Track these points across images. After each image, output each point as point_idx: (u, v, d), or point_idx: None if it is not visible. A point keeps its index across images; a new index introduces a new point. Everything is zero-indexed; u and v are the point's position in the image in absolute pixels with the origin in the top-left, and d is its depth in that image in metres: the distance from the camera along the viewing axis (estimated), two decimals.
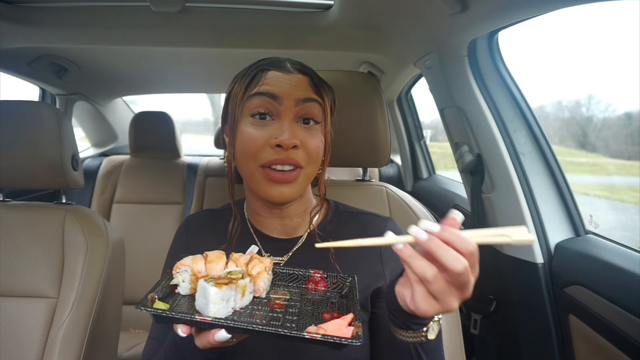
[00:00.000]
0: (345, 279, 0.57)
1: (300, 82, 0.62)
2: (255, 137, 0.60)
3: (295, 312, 0.51)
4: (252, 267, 0.53)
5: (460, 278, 0.40)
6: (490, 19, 0.87)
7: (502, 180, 1.07)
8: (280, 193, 0.60)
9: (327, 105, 0.65)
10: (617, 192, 1.61)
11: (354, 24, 1.21)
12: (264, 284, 0.53)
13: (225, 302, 0.47)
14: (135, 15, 1.20)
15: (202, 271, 0.52)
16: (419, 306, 0.44)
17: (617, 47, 1.23)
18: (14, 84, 1.71)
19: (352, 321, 0.46)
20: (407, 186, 2.19)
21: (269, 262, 0.54)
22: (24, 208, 0.99)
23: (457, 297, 0.43)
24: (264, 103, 0.60)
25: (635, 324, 0.73)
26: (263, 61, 0.65)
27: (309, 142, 0.61)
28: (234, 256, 0.54)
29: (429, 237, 0.42)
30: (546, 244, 1.02)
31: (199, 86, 2.42)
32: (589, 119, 1.62)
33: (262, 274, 0.53)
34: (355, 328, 0.45)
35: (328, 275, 0.58)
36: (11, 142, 0.95)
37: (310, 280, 0.58)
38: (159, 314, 0.44)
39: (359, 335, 0.44)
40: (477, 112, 1.08)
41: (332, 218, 0.71)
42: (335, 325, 0.45)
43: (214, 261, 0.52)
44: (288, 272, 0.59)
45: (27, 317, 0.87)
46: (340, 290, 0.57)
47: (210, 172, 2.14)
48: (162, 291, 0.51)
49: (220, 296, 0.46)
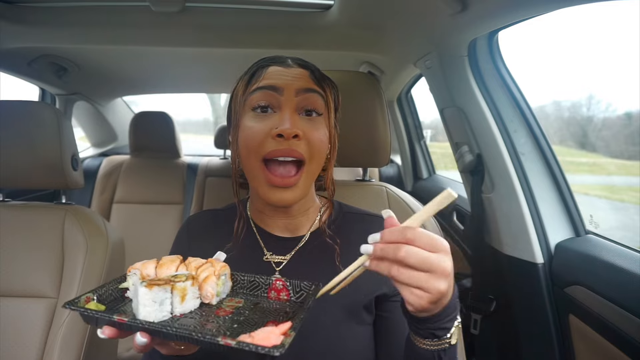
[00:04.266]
0: (308, 287, 0.55)
1: (300, 74, 0.62)
2: (256, 130, 0.59)
3: (240, 320, 0.49)
4: (201, 271, 0.51)
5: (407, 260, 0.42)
6: (490, 19, 0.87)
7: (502, 180, 1.07)
8: (280, 198, 0.60)
9: (329, 98, 0.64)
10: (617, 192, 1.61)
11: (354, 24, 1.21)
12: (212, 289, 0.50)
13: (157, 305, 0.45)
14: (135, 15, 1.20)
15: (151, 274, 0.50)
16: (412, 304, 0.45)
17: (617, 47, 1.23)
18: (14, 84, 1.71)
19: (287, 330, 0.42)
20: (407, 186, 2.19)
21: (220, 267, 0.52)
22: (24, 208, 0.99)
23: (440, 281, 0.43)
24: (264, 96, 0.60)
25: (635, 324, 0.73)
26: (264, 59, 0.65)
27: (312, 134, 0.60)
28: (188, 260, 0.53)
29: (373, 247, 0.45)
30: (546, 244, 1.01)
31: (199, 86, 2.43)
32: (589, 119, 1.62)
33: (210, 278, 0.50)
34: (285, 337, 0.41)
35: (291, 283, 0.56)
36: (11, 142, 0.95)
37: (272, 289, 0.56)
38: (81, 312, 0.44)
39: (282, 345, 0.39)
40: (477, 112, 1.08)
41: (335, 218, 0.71)
42: (265, 333, 0.41)
43: (165, 265, 0.51)
44: (249, 279, 0.56)
45: (27, 317, 0.87)
46: (303, 301, 0.54)
47: (210, 172, 2.14)
48: (110, 294, 0.50)
49: (151, 297, 0.44)
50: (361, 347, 0.63)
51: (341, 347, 0.61)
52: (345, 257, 0.64)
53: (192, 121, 8.20)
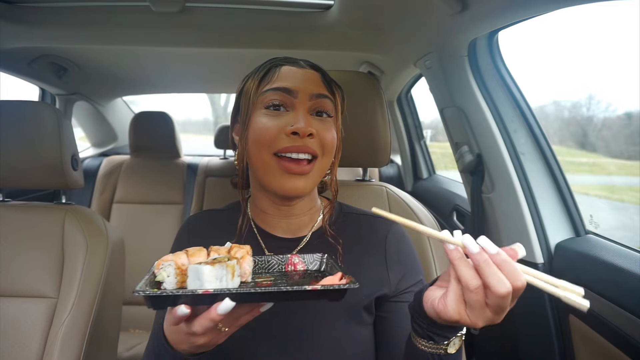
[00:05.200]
0: (321, 256, 0.59)
1: (313, 77, 0.63)
2: (269, 126, 0.60)
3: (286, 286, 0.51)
4: (234, 252, 0.53)
5: (499, 301, 0.41)
6: (490, 19, 0.87)
7: (502, 180, 1.07)
8: (294, 185, 0.60)
9: (337, 102, 0.66)
10: (617, 192, 1.61)
11: (354, 24, 1.21)
12: (249, 267, 0.53)
13: (219, 282, 0.46)
14: (135, 15, 1.20)
15: (186, 263, 0.51)
16: (447, 305, 0.44)
17: (617, 47, 1.23)
18: (14, 84, 1.71)
19: (341, 277, 0.48)
20: (407, 186, 2.19)
21: (248, 247, 0.55)
22: (24, 208, 0.99)
23: (486, 317, 0.43)
24: (279, 96, 0.61)
25: (635, 324, 0.73)
26: (276, 58, 0.66)
27: (324, 133, 0.62)
28: (213, 248, 0.54)
29: (480, 251, 0.42)
30: (546, 244, 1.01)
31: (199, 86, 2.43)
32: (589, 119, 1.62)
33: (246, 257, 0.53)
34: (348, 279, 0.47)
35: (305, 257, 0.59)
36: (11, 142, 0.95)
37: (288, 264, 0.59)
38: (159, 295, 0.43)
39: (353, 281, 0.45)
40: (477, 112, 1.08)
41: (336, 218, 0.71)
42: (329, 281, 0.47)
43: (195, 254, 0.52)
44: (267, 259, 0.59)
45: (27, 317, 0.87)
46: (318, 268, 0.58)
47: (210, 172, 2.14)
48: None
49: (215, 274, 0.46)
50: (361, 347, 0.63)
51: (341, 347, 0.61)
52: (345, 258, 0.64)
53: (192, 121, 8.21)
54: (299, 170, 0.59)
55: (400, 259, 0.67)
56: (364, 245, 0.67)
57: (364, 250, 0.67)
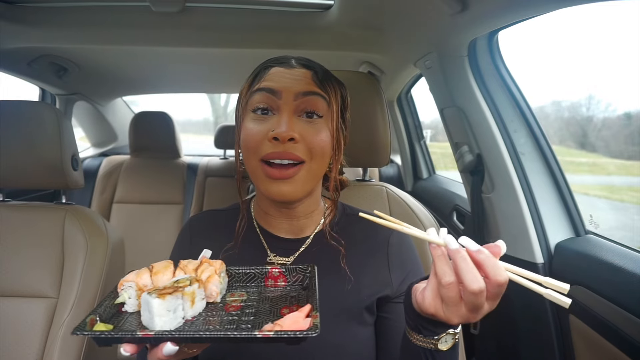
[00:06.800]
0: (305, 270, 0.56)
1: (302, 76, 0.61)
2: (254, 132, 0.60)
3: (252, 312, 0.49)
4: (201, 271, 0.50)
5: (472, 298, 0.42)
6: (490, 19, 0.87)
7: (502, 180, 1.07)
8: (279, 190, 0.59)
9: (332, 100, 0.63)
10: (617, 192, 1.61)
11: (354, 24, 1.21)
12: (216, 287, 0.50)
13: (172, 313, 0.44)
14: (135, 15, 1.20)
15: (148, 284, 0.49)
16: (425, 298, 0.45)
17: (617, 47, 1.23)
18: (14, 84, 1.71)
19: (309, 312, 0.45)
20: (407, 186, 2.19)
21: (219, 264, 0.52)
22: (24, 208, 0.99)
23: (460, 314, 0.44)
24: (264, 98, 0.60)
25: (635, 324, 0.73)
26: (269, 59, 0.65)
27: (311, 137, 0.60)
28: (182, 264, 0.52)
29: (457, 248, 0.43)
30: (546, 244, 1.02)
31: (199, 86, 2.43)
32: (589, 119, 1.62)
33: (213, 277, 0.50)
34: (313, 319, 0.43)
35: (287, 269, 0.56)
36: (11, 142, 0.95)
37: (268, 277, 0.56)
38: (97, 336, 0.41)
39: (315, 325, 0.42)
40: (477, 112, 1.08)
41: (339, 220, 0.70)
42: (292, 320, 0.44)
43: (160, 272, 0.50)
44: (244, 271, 0.56)
45: (27, 317, 0.87)
46: (301, 283, 0.56)
47: (210, 172, 2.14)
48: (107, 312, 0.48)
49: (165, 307, 0.44)
50: (362, 347, 0.63)
51: (342, 347, 0.61)
52: (347, 260, 0.64)
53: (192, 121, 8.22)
54: (280, 175, 0.58)
55: (403, 260, 0.67)
56: (367, 247, 0.67)
57: (366, 252, 0.67)
